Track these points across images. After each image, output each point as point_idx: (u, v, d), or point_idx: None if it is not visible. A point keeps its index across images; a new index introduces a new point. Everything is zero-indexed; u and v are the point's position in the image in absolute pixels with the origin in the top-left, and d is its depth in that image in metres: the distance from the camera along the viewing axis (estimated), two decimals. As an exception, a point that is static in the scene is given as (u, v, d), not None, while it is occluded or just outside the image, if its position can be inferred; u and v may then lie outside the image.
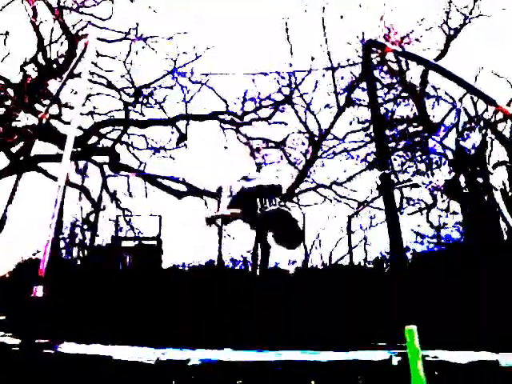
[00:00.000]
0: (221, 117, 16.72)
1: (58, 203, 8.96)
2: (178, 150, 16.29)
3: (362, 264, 15.29)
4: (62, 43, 16.04)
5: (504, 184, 10.84)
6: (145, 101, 17.08)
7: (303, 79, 16.71)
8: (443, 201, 13.57)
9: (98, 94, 16.74)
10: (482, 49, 14.68)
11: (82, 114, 14.02)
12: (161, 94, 17.58)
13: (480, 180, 11.41)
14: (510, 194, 10.64)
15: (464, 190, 12.43)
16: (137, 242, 14.54)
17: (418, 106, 14.91)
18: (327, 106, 16.23)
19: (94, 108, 15.98)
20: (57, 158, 11.90)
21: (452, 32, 14.09)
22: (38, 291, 7.76)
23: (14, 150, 11.96)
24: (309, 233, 16.69)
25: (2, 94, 13.44)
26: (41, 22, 14.46)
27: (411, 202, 14.30)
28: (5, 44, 14.96)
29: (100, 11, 15.38)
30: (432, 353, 7.09)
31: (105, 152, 14.35)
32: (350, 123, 15.24)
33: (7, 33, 14.75)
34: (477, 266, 9.02)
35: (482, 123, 12.27)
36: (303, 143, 15.43)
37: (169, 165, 16.35)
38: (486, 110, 12.88)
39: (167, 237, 14.72)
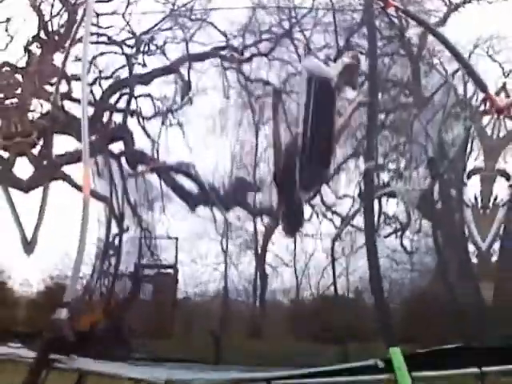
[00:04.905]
0: (221, 53, 16.68)
1: (85, 228, 10.04)
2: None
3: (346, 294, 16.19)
4: (61, 15, 16.03)
5: (476, 199, 11.09)
6: (146, 49, 17.14)
7: (304, 16, 16.72)
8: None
9: (101, 53, 16.86)
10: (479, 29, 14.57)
11: (88, 84, 14.24)
12: (161, 37, 17.29)
13: (453, 192, 11.93)
14: (481, 211, 10.92)
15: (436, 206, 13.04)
16: (156, 270, 15.89)
17: (413, 67, 15.22)
18: (327, 46, 16.33)
19: (100, 72, 16.32)
20: (77, 158, 12.37)
21: (453, 6, 14.19)
22: (62, 314, 9.11)
23: (34, 151, 12.72)
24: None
25: (12, 82, 13.73)
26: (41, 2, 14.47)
27: (387, 221, 15.13)
28: (7, 30, 15.03)
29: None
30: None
31: (119, 133, 15.12)
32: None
33: (9, 19, 14.79)
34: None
35: (468, 112, 12.82)
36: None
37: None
38: (475, 94, 13.33)
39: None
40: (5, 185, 12.03)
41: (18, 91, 13.64)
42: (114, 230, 15.04)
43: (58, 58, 14.91)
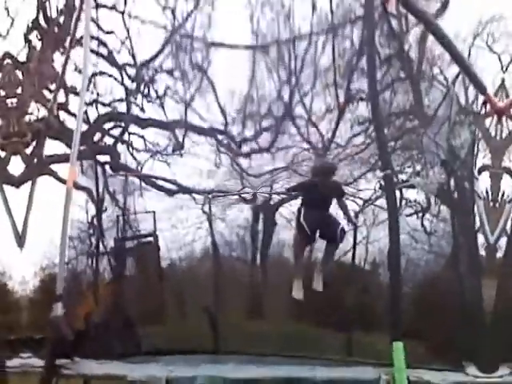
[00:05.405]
0: (219, 137, 16.83)
1: (68, 218, 9.89)
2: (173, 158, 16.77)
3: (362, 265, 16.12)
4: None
5: (487, 192, 11.24)
6: (146, 91, 17.11)
7: (303, 64, 16.62)
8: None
9: (100, 72, 16.74)
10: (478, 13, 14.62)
11: (86, 103, 14.53)
12: (161, 81, 17.27)
13: (467, 185, 12.19)
14: (491, 204, 11.09)
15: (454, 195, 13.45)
16: (136, 242, 15.63)
17: (414, 89, 15.38)
18: (328, 110, 16.38)
19: (98, 95, 16.34)
20: (65, 159, 12.44)
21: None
22: (57, 309, 8.86)
23: (27, 151, 12.92)
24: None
25: (13, 79, 13.72)
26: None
27: (409, 204, 15.42)
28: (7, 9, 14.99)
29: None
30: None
31: (107, 151, 15.79)
32: (351, 127, 15.76)
33: (7, -3, 14.84)
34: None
35: (471, 117, 12.92)
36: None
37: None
38: (476, 99, 13.39)
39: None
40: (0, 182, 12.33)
41: (19, 91, 13.53)
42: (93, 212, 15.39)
43: (57, 59, 14.73)
